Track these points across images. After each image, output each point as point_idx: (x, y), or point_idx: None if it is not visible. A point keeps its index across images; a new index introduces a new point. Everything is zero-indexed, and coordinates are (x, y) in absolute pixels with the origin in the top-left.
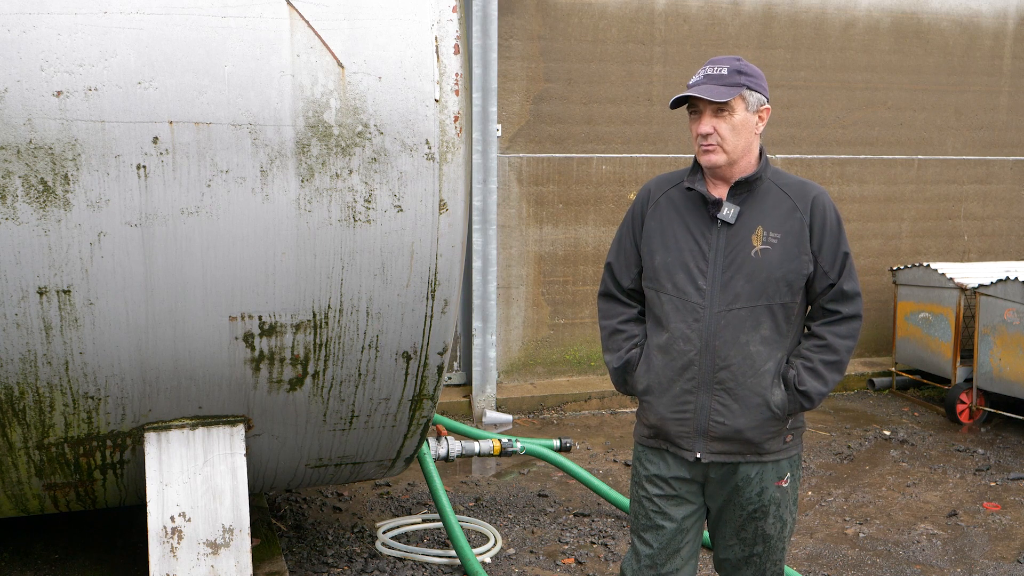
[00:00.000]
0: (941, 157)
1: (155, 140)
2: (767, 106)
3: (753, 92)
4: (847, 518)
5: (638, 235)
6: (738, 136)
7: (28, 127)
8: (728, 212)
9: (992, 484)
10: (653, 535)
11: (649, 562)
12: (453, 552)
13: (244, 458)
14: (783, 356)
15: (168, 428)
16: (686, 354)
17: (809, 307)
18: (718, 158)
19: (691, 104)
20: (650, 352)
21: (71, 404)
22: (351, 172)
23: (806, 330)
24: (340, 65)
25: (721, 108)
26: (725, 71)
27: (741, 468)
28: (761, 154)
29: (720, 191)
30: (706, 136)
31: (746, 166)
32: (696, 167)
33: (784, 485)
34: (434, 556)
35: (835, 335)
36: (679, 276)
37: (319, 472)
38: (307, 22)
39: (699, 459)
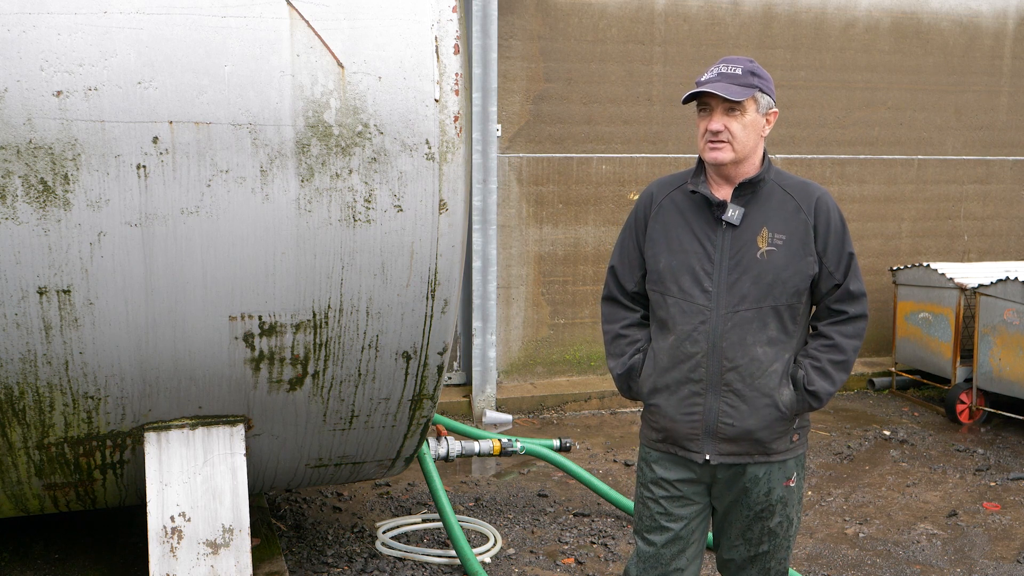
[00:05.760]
0: (941, 157)
1: (155, 140)
2: (775, 110)
3: (764, 95)
4: (847, 518)
5: (641, 238)
6: (747, 136)
7: (28, 127)
8: (733, 214)
9: (992, 484)
10: (658, 535)
11: (654, 562)
12: (453, 552)
13: (244, 458)
14: (790, 356)
15: (168, 428)
16: (693, 356)
17: (814, 307)
18: (725, 155)
19: (701, 101)
20: (656, 355)
21: (71, 404)
22: (351, 172)
23: (812, 330)
24: (340, 65)
25: (733, 107)
26: (740, 71)
27: (749, 469)
28: (764, 156)
29: (724, 193)
30: (716, 133)
31: (750, 168)
32: (699, 169)
33: (791, 484)
34: (434, 556)
35: (842, 335)
36: (685, 279)
37: (319, 472)
38: (307, 22)
39: (708, 461)
